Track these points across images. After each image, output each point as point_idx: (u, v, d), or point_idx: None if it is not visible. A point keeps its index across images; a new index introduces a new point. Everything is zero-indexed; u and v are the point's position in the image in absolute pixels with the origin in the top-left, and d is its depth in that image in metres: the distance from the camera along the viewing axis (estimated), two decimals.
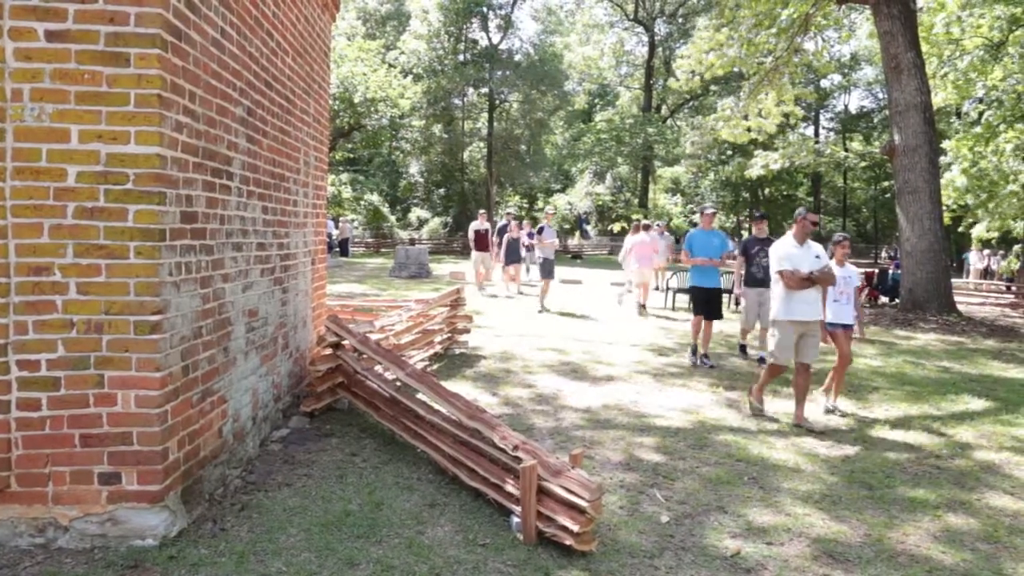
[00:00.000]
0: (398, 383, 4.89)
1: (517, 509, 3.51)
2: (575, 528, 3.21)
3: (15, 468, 3.09)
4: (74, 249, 3.04)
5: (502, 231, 15.35)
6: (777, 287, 5.72)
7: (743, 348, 8.75)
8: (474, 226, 14.95)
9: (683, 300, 13.56)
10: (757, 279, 8.07)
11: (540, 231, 12.79)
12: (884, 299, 15.65)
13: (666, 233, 16.79)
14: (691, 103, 43.46)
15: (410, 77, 33.08)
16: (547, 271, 12.40)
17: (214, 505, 3.66)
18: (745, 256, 8.24)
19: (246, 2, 4.02)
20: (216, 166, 3.69)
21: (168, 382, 3.20)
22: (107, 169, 3.03)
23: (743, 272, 8.32)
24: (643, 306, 12.35)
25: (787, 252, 5.67)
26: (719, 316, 8.20)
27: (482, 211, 16.01)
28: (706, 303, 8.10)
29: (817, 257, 5.66)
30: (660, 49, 42.71)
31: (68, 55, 2.98)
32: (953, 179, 15.96)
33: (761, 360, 7.71)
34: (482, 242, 14.74)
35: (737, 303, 8.53)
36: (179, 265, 3.30)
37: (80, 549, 3.13)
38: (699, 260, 8.16)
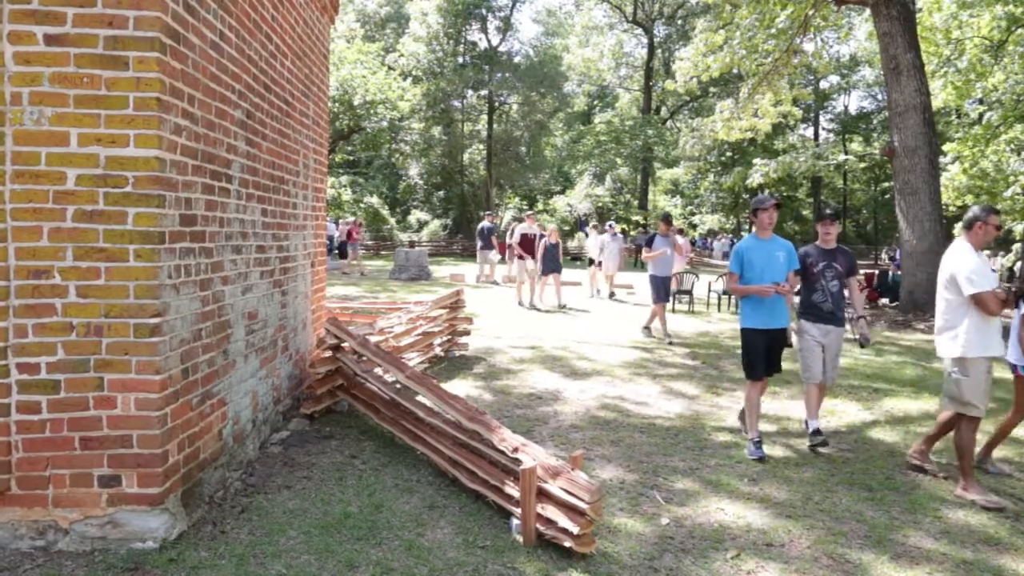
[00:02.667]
0: (398, 385, 4.89)
1: (517, 511, 3.51)
2: (575, 530, 3.20)
3: (15, 471, 3.09)
4: (74, 252, 3.04)
5: (490, 232, 14.99)
6: (966, 316, 4.32)
7: (817, 432, 5.12)
8: (521, 229, 13.47)
9: (682, 301, 13.56)
10: (824, 312, 5.14)
11: (650, 242, 10.19)
12: (884, 300, 15.64)
13: (618, 235, 16.08)
14: (691, 104, 43.52)
15: (409, 79, 33.11)
16: (662, 292, 10.00)
17: (214, 508, 3.66)
18: (804, 275, 5.25)
19: (245, 5, 4.03)
20: (215, 169, 3.69)
21: (168, 385, 3.20)
22: (106, 172, 3.04)
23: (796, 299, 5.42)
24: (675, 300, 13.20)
25: (978, 267, 4.31)
26: (779, 369, 5.28)
27: (528, 213, 14.92)
28: (768, 353, 5.11)
29: (993, 271, 4.48)
30: (659, 51, 42.77)
31: (67, 59, 2.98)
32: (954, 178, 15.98)
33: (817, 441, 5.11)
34: (531, 248, 13.22)
35: (788, 344, 5.27)
36: (178, 268, 3.30)
37: (80, 552, 3.13)
38: (757, 288, 4.98)
